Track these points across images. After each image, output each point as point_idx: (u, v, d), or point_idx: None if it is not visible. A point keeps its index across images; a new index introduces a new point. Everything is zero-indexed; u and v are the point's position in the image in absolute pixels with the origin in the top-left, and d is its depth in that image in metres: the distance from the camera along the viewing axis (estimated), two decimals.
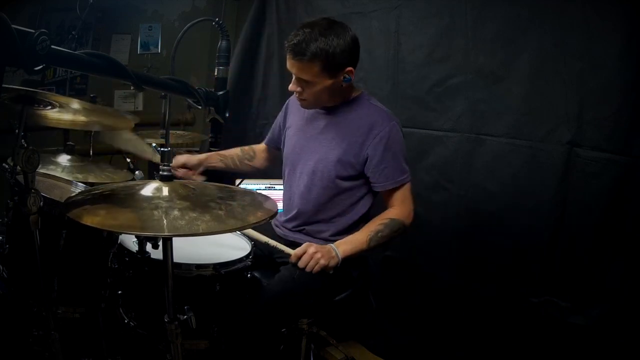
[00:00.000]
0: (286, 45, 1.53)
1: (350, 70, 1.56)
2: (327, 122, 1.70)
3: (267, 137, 2.00)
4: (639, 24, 1.60)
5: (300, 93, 1.61)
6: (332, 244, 1.55)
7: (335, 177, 1.65)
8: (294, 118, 1.84)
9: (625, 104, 1.64)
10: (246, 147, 2.05)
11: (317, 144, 1.70)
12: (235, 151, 2.04)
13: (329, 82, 1.54)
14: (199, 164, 1.92)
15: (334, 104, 1.68)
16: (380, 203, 1.72)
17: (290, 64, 1.54)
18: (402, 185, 1.64)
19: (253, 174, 2.13)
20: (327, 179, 1.67)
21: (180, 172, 1.89)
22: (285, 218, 1.82)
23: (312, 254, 1.48)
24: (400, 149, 1.65)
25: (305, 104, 1.66)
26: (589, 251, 1.75)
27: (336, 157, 1.64)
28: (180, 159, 1.91)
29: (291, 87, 1.61)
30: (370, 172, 1.63)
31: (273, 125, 1.98)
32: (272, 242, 1.57)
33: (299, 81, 1.57)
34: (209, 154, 1.97)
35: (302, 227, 1.76)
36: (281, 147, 1.89)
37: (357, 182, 1.67)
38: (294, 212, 1.77)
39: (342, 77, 1.55)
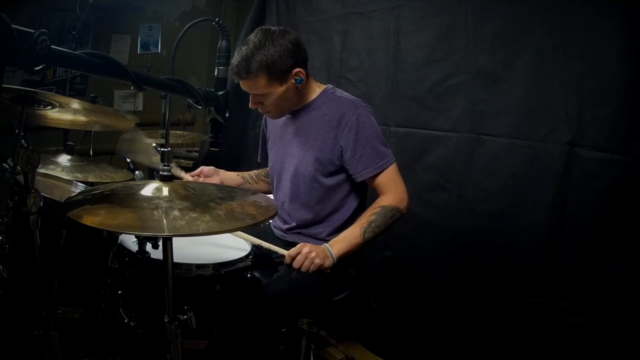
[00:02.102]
0: (230, 70, 1.54)
1: (299, 71, 1.57)
2: (298, 125, 1.71)
3: (261, 156, 2.01)
4: (639, 24, 1.60)
5: (261, 108, 1.63)
6: (325, 244, 1.54)
7: (318, 176, 1.66)
8: (271, 129, 1.87)
9: (625, 104, 1.64)
10: (259, 170, 2.07)
11: (293, 148, 1.71)
12: (250, 172, 2.06)
13: (281, 89, 1.56)
14: (216, 172, 1.94)
15: (299, 106, 1.69)
16: (374, 193, 1.69)
17: (241, 85, 1.57)
18: (385, 169, 1.61)
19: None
20: (310, 180, 1.67)
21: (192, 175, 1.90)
22: (281, 225, 1.82)
23: (306, 253, 1.48)
24: (373, 133, 1.62)
25: (271, 115, 1.70)
26: (589, 251, 1.74)
27: (313, 156, 1.65)
28: (197, 170, 1.93)
29: (251, 105, 1.63)
30: (348, 164, 1.62)
31: (260, 142, 1.99)
32: (265, 245, 1.57)
33: (255, 97, 1.60)
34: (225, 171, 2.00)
35: (298, 231, 1.76)
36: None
37: (341, 177, 1.67)
38: (288, 220, 1.77)
39: (293, 80, 1.57)
